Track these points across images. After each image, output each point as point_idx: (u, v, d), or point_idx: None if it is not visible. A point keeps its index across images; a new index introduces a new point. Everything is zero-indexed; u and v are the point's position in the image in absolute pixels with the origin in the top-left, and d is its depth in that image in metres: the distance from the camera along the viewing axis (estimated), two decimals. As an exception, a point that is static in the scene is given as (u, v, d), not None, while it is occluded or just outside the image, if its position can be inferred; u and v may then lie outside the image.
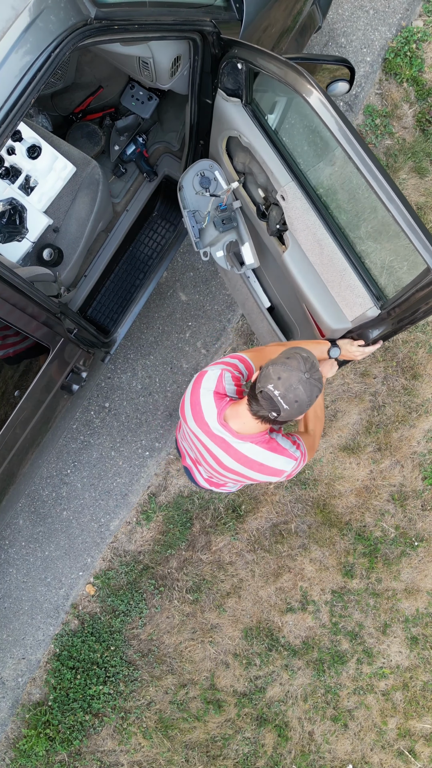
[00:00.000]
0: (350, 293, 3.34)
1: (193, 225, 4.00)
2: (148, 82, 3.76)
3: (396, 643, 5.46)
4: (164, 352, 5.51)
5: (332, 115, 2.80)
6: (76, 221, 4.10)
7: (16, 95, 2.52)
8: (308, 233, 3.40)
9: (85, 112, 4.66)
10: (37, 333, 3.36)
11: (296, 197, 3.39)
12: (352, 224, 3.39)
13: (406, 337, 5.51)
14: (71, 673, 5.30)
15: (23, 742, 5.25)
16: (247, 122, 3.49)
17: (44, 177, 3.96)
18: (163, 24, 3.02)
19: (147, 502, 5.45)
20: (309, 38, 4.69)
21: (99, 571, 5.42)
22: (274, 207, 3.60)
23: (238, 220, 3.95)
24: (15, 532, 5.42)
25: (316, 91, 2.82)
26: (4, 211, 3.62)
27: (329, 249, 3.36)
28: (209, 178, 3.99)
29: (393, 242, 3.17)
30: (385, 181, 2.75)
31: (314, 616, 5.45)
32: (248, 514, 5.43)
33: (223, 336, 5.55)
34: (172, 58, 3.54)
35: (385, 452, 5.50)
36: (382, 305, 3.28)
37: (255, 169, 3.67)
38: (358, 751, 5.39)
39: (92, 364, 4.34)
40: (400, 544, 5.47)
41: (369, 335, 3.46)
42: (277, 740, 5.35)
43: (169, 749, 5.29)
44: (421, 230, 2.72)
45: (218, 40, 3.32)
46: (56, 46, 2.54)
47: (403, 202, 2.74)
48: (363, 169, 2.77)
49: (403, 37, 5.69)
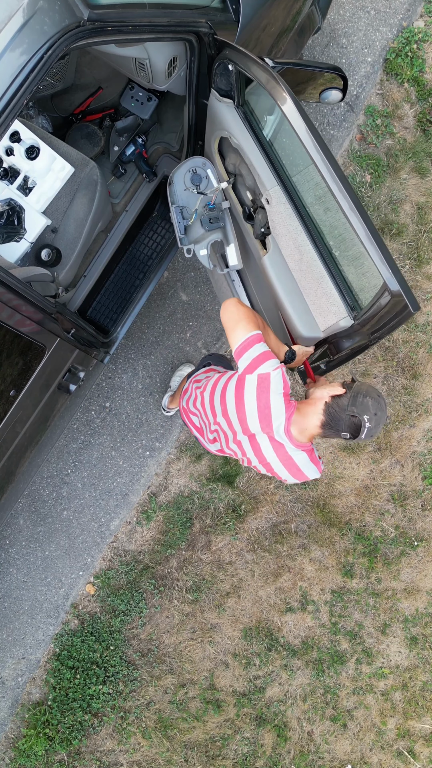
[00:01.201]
0: (326, 301, 3.33)
1: (179, 221, 3.99)
2: (145, 83, 3.77)
3: (395, 643, 5.46)
4: (165, 351, 5.51)
5: (303, 125, 2.82)
6: (75, 222, 4.11)
7: (9, 96, 2.53)
8: (289, 238, 3.41)
9: (84, 113, 4.67)
10: (32, 333, 3.36)
11: (280, 202, 3.39)
12: (331, 233, 3.39)
13: (406, 336, 5.51)
14: (71, 673, 5.31)
15: (23, 741, 5.26)
16: (238, 124, 3.50)
17: (43, 178, 3.97)
18: (158, 25, 3.03)
19: (147, 502, 5.46)
20: (308, 39, 4.69)
21: (99, 571, 5.43)
22: (260, 210, 3.61)
23: (226, 220, 3.96)
24: (15, 532, 5.43)
25: (290, 99, 2.83)
26: (3, 212, 3.63)
27: (309, 255, 3.36)
28: (201, 175, 3.99)
29: (363, 254, 3.18)
30: (348, 195, 2.75)
31: (314, 615, 5.45)
32: (248, 513, 5.43)
33: (223, 336, 5.55)
34: (168, 60, 3.54)
35: (385, 452, 5.50)
36: (355, 316, 3.27)
37: (244, 171, 3.68)
38: (357, 751, 5.39)
39: (90, 364, 4.35)
40: (400, 544, 5.47)
41: (344, 345, 3.45)
42: (276, 740, 5.35)
43: (168, 749, 5.29)
44: (378, 245, 2.72)
45: (214, 42, 3.33)
46: (49, 48, 2.55)
47: (363, 216, 2.74)
48: (328, 180, 2.80)
49: (404, 38, 5.69)
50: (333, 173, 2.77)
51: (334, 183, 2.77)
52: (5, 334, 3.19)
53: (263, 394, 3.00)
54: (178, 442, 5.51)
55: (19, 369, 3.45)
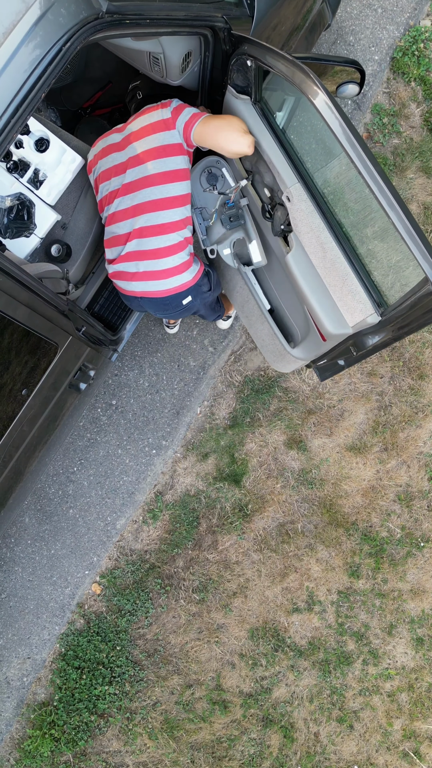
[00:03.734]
0: (352, 299, 3.32)
1: (200, 222, 3.97)
2: (159, 78, 3.75)
3: (402, 644, 5.44)
4: (171, 349, 5.49)
5: (336, 118, 2.78)
6: (85, 216, 4.08)
7: (27, 88, 2.49)
8: (312, 236, 3.39)
9: (93, 107, 4.65)
10: (45, 331, 3.34)
11: (302, 199, 3.37)
12: (356, 229, 3.37)
13: (412, 337, 5.49)
14: (77, 673, 5.28)
15: (28, 742, 5.23)
16: (255, 120, 3.48)
17: (53, 170, 3.94)
18: (175, 19, 3.00)
19: (153, 501, 5.44)
20: (319, 36, 4.68)
21: (105, 570, 5.41)
22: (279, 207, 3.58)
23: (246, 217, 3.93)
24: (21, 531, 5.41)
25: (322, 92, 2.78)
26: (12, 207, 3.60)
27: (332, 253, 3.34)
28: (216, 175, 3.97)
29: (394, 249, 3.15)
30: (386, 188, 2.72)
31: (320, 616, 5.43)
32: (255, 513, 5.41)
33: (230, 334, 5.54)
34: (183, 54, 3.53)
35: (391, 452, 5.48)
36: (382, 312, 3.26)
37: (262, 169, 3.65)
38: (363, 752, 5.37)
39: (100, 362, 4.32)
40: (406, 545, 5.45)
41: (368, 342, 3.44)
42: (282, 741, 5.33)
43: (174, 750, 5.27)
44: (420, 239, 2.69)
45: (229, 37, 3.31)
46: (67, 40, 2.52)
47: (404, 210, 2.72)
48: (365, 174, 2.75)
49: (411, 37, 5.67)
50: (371, 167, 2.74)
51: (371, 177, 2.74)
52: (18, 332, 3.16)
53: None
54: (185, 441, 5.50)
55: (30, 368, 3.42)
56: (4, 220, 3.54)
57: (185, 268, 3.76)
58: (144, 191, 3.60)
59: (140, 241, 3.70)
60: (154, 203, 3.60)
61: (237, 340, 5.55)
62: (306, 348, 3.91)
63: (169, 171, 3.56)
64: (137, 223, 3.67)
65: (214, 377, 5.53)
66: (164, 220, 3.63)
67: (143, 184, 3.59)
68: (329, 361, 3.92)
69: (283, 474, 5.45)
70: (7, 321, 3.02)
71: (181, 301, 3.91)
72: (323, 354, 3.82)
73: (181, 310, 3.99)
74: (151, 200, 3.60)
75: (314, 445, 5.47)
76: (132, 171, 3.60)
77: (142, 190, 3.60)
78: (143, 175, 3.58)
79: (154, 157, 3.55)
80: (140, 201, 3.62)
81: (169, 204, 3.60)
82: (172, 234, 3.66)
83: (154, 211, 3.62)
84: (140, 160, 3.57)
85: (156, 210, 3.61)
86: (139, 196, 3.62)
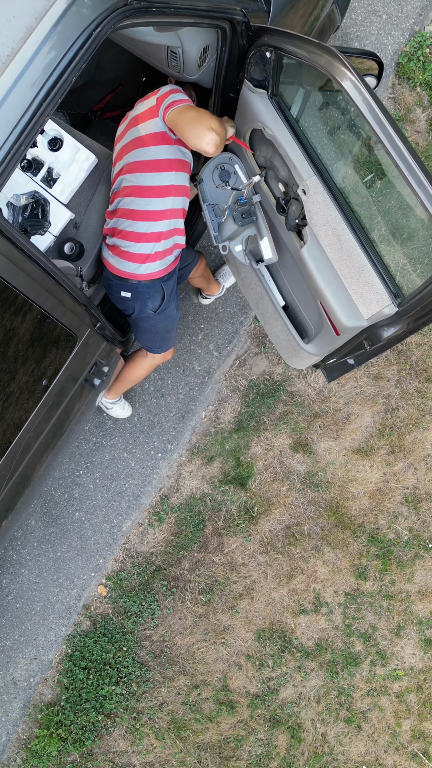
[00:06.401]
0: (368, 290, 3.33)
1: (212, 219, 3.98)
2: (176, 73, 3.77)
3: (410, 645, 5.45)
4: (176, 354, 5.51)
5: (366, 97, 2.73)
6: (97, 215, 4.11)
7: (59, 71, 2.51)
8: (328, 228, 3.41)
9: (104, 110, 4.67)
10: (67, 321, 3.36)
11: (318, 192, 3.39)
12: (373, 220, 3.39)
13: (419, 339, 5.52)
14: (83, 674, 5.28)
15: (35, 742, 5.22)
16: (272, 114, 3.49)
17: (66, 169, 3.97)
18: (197, 9, 3.04)
19: (159, 504, 5.45)
20: (328, 38, 4.72)
21: (111, 572, 5.41)
22: (293, 201, 3.60)
23: (258, 214, 3.95)
24: (27, 533, 5.41)
25: (350, 73, 2.74)
26: (27, 205, 3.63)
27: (349, 244, 3.36)
28: (229, 171, 3.99)
29: (415, 238, 3.18)
30: (422, 175, 2.69)
31: (327, 617, 5.44)
32: (261, 515, 5.42)
33: (235, 338, 5.56)
34: (201, 48, 3.55)
35: (398, 455, 5.50)
36: (399, 303, 3.28)
37: (277, 163, 3.66)
38: (371, 752, 5.37)
39: (113, 359, 4.35)
40: (414, 547, 5.47)
41: (383, 334, 3.46)
42: (290, 742, 5.33)
43: (181, 750, 5.26)
44: None
45: (246, 31, 3.34)
46: (97, 25, 2.54)
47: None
48: (398, 160, 2.71)
49: (416, 42, 5.72)
50: (406, 152, 2.71)
51: (404, 163, 2.71)
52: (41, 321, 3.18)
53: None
54: (190, 445, 5.51)
55: (51, 359, 3.44)
56: (19, 218, 3.57)
57: (144, 261, 3.91)
58: (127, 176, 3.80)
59: (118, 220, 3.90)
60: (132, 189, 3.80)
61: (242, 345, 5.58)
62: (320, 343, 3.92)
63: (149, 161, 3.69)
64: (119, 205, 3.87)
65: (219, 381, 5.55)
66: (139, 207, 3.80)
67: (127, 171, 3.78)
68: (339, 359, 3.94)
69: (289, 477, 5.47)
70: (36, 310, 3.05)
71: (120, 292, 4.08)
72: (336, 349, 3.83)
73: (117, 301, 4.21)
74: (131, 186, 3.79)
75: (320, 448, 5.49)
76: (126, 157, 3.78)
77: (126, 175, 3.79)
78: (128, 162, 3.76)
79: (138, 146, 3.69)
80: (125, 185, 3.82)
81: (146, 192, 3.76)
82: (144, 222, 3.82)
83: (131, 196, 3.80)
84: (128, 149, 3.75)
85: (132, 196, 3.80)
86: (123, 182, 3.82)
